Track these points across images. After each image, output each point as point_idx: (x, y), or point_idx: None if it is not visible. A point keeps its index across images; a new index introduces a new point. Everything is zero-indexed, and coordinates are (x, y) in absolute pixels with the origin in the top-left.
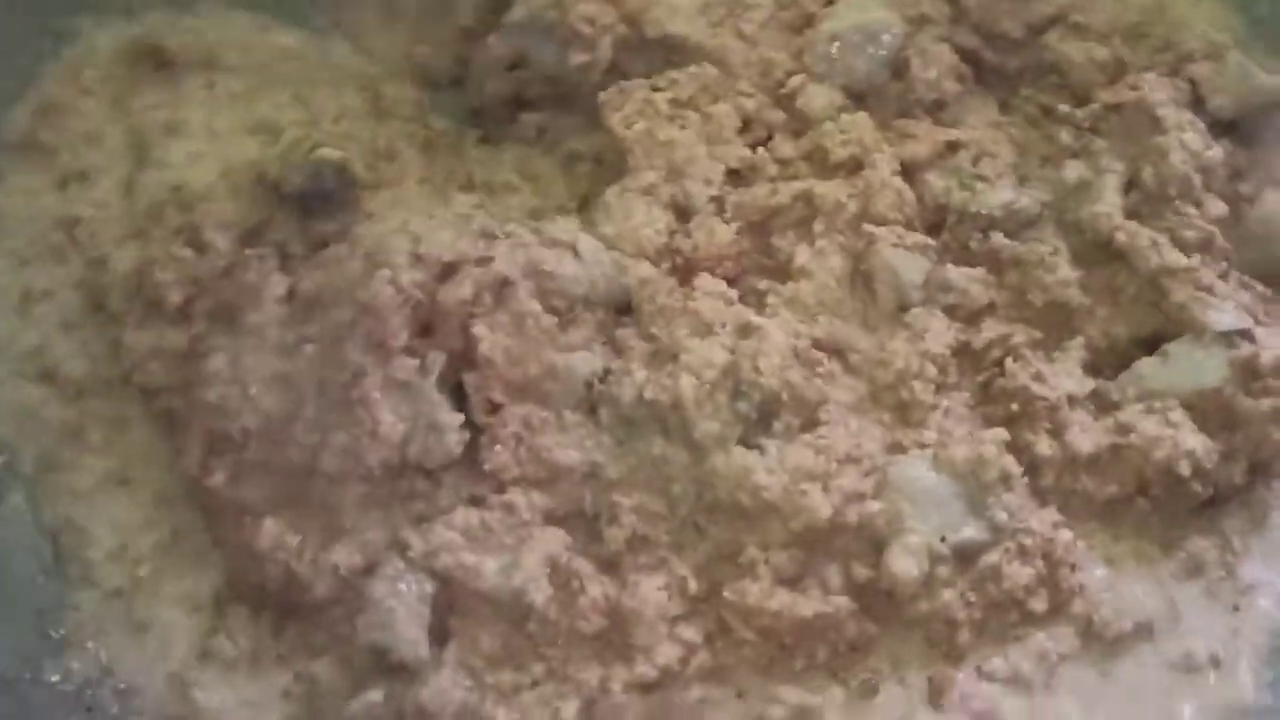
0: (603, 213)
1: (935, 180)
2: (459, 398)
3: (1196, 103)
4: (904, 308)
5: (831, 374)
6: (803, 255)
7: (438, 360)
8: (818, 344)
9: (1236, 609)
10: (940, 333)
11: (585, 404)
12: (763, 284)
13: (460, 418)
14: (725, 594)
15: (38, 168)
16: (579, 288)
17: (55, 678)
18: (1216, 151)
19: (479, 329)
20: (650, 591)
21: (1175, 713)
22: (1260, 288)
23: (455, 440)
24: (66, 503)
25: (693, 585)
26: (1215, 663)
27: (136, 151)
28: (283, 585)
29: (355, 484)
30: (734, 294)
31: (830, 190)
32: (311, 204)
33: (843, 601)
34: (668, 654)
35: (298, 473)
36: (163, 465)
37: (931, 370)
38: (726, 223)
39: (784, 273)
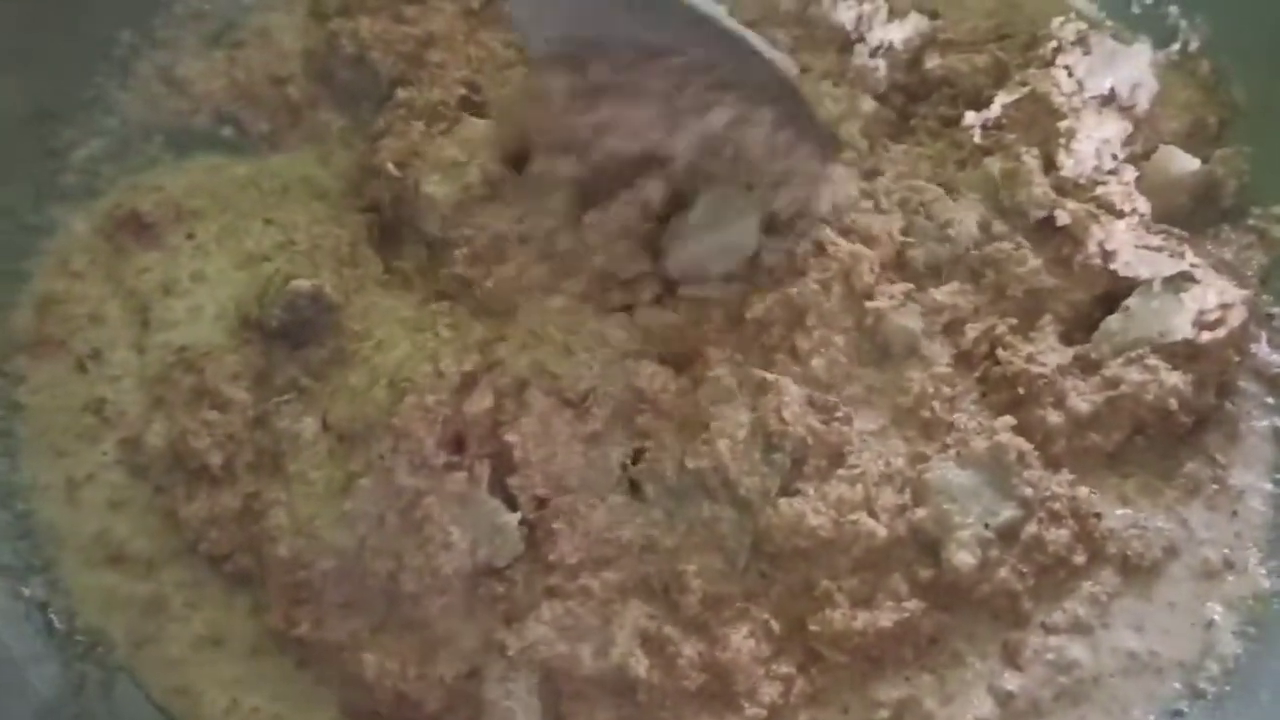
0: None
1: (916, 253)
2: (507, 498)
3: (1079, 85)
4: (914, 350)
5: (848, 417)
6: (804, 344)
7: (484, 469)
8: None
9: (1235, 514)
10: (941, 352)
11: (623, 485)
12: (775, 360)
13: (518, 515)
14: (811, 627)
15: (53, 360)
16: (585, 383)
17: None
18: (1112, 122)
19: (511, 436)
20: (739, 641)
21: (1208, 614)
22: (1177, 231)
23: (518, 536)
24: (168, 673)
25: (775, 626)
26: (1229, 565)
27: (140, 317)
28: (397, 706)
29: (438, 596)
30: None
31: (804, 286)
32: (297, 335)
33: (914, 604)
34: (770, 692)
35: (380, 599)
36: (250, 618)
37: (944, 388)
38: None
39: (793, 357)
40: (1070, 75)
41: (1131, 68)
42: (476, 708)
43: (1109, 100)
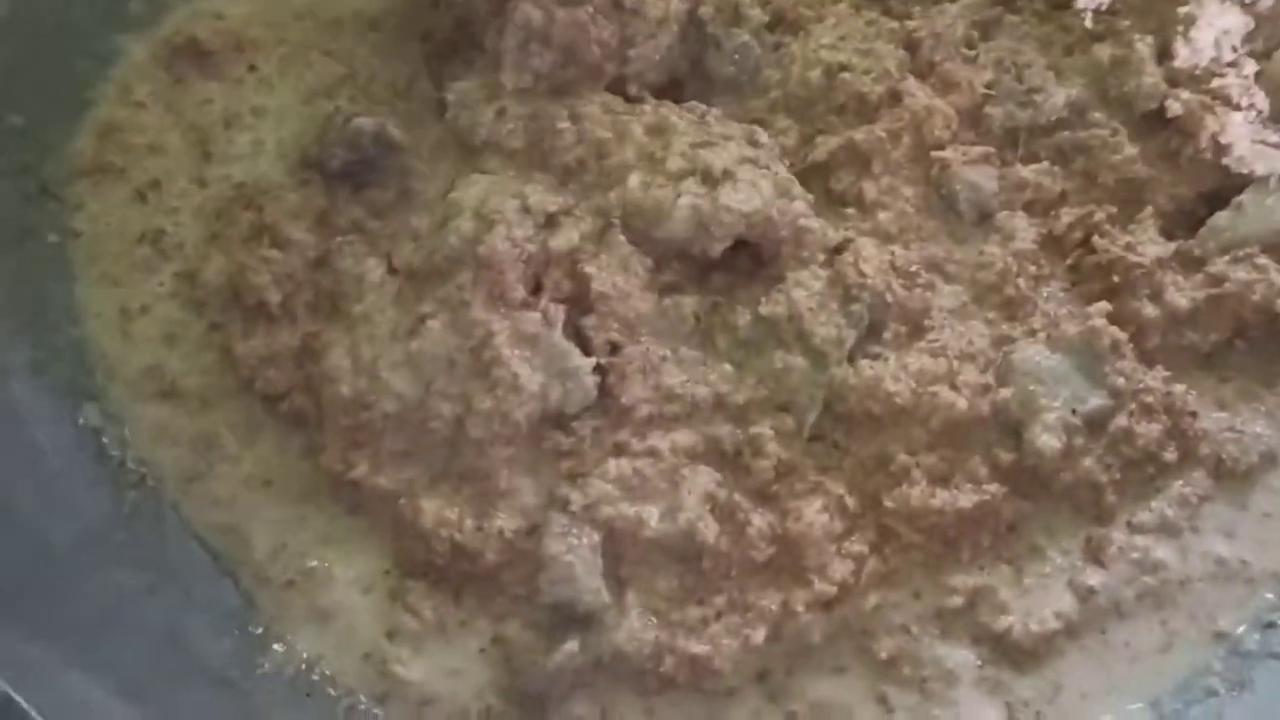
0: None
1: (994, 110)
2: (580, 347)
3: None
4: (986, 215)
5: (931, 284)
6: (870, 192)
7: (559, 310)
8: (911, 262)
9: None
10: (1026, 229)
11: (695, 339)
12: (845, 214)
13: (591, 361)
14: (886, 503)
15: (113, 188)
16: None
17: (266, 668)
18: (1234, 14)
19: (590, 268)
20: (812, 515)
21: None
22: None
23: (591, 383)
24: (217, 511)
25: (850, 502)
26: None
27: (200, 149)
28: (452, 558)
29: (503, 446)
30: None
31: (870, 133)
32: (361, 177)
33: (994, 488)
34: (841, 570)
35: (441, 447)
36: (302, 460)
37: (1029, 266)
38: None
39: (860, 208)
40: None
41: None
42: (535, 563)
43: None
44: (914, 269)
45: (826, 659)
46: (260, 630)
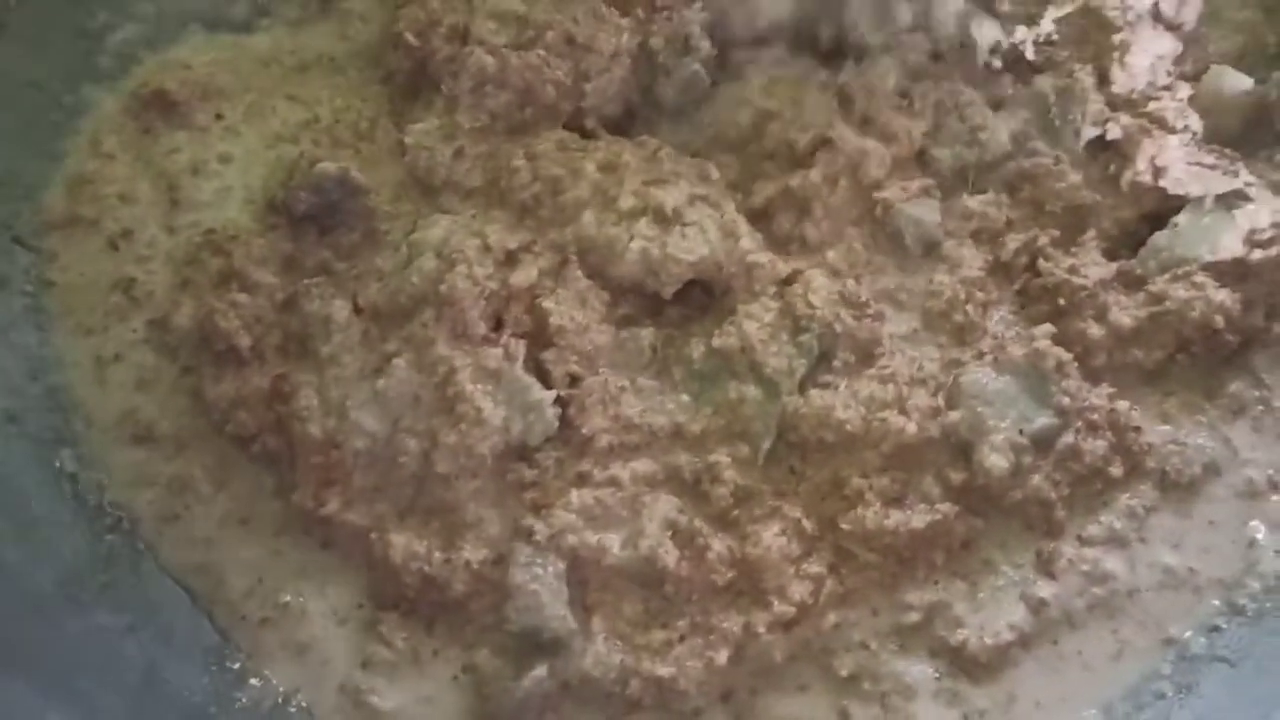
0: None
1: (941, 152)
2: (540, 379)
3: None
4: (933, 246)
5: (880, 314)
6: (814, 234)
7: (520, 345)
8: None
9: None
10: (973, 258)
11: (653, 369)
12: (791, 251)
13: (552, 393)
14: (843, 525)
15: (85, 238)
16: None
17: (244, 702)
18: (1165, 39)
19: (548, 304)
20: (770, 538)
21: (1250, 535)
22: (1228, 151)
23: (552, 414)
24: (192, 550)
25: (807, 525)
26: (1274, 486)
27: (169, 198)
28: (423, 589)
29: (468, 480)
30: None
31: (805, 179)
32: (325, 219)
33: (946, 507)
34: (799, 591)
35: (409, 483)
36: (275, 499)
37: (977, 293)
38: None
39: (804, 247)
40: None
41: None
42: (502, 592)
43: (1156, 16)
44: (863, 299)
45: (788, 678)
46: (238, 665)
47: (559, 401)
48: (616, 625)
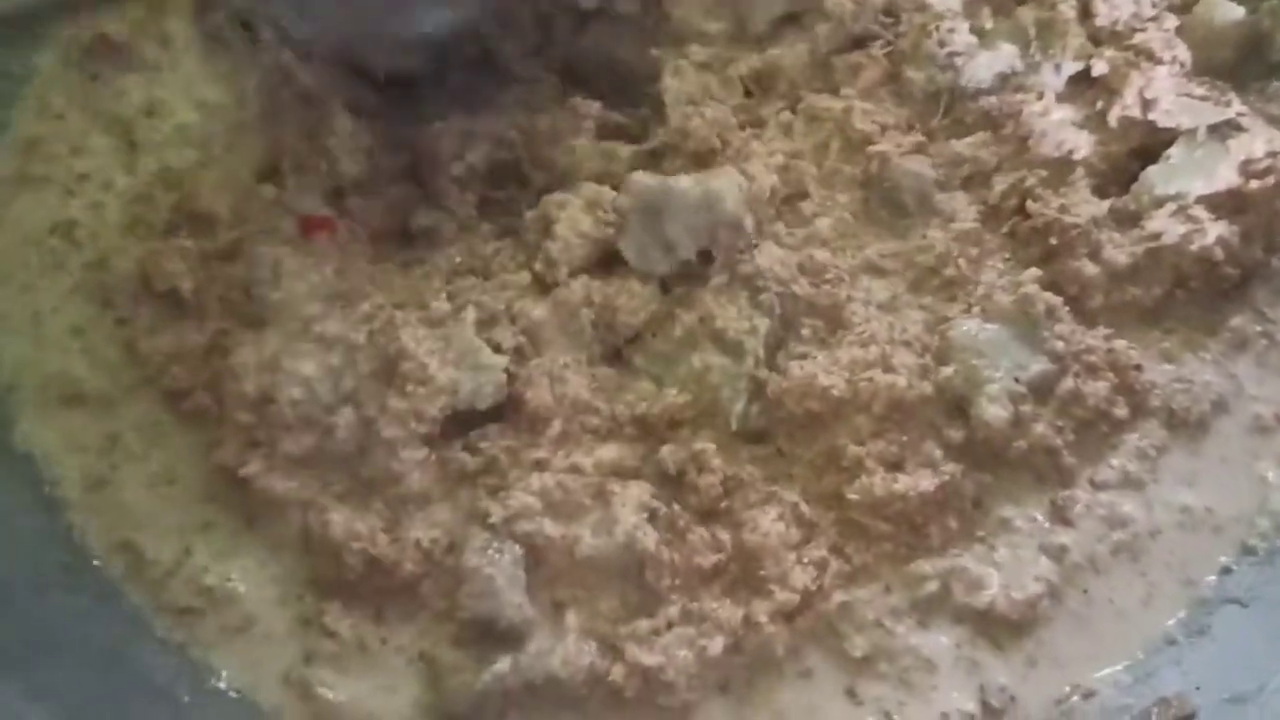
0: None
1: (915, 75)
2: None
3: None
4: (927, 200)
5: (840, 278)
6: (809, 206)
7: (470, 313)
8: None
9: None
10: (966, 208)
11: (601, 357)
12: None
13: (503, 359)
14: (850, 496)
15: (36, 195)
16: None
17: (212, 683)
18: None
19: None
20: (768, 525)
21: (1261, 470)
22: (1219, 83)
23: (502, 380)
24: (120, 519)
25: (805, 509)
26: None
27: (127, 140)
28: (367, 572)
29: (416, 448)
30: None
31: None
32: None
33: (952, 467)
34: (802, 578)
35: (350, 454)
36: (204, 460)
37: (970, 248)
38: None
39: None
40: None
41: None
42: (456, 577)
43: None
44: (819, 265)
45: (790, 665)
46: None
47: (507, 373)
48: (594, 622)
